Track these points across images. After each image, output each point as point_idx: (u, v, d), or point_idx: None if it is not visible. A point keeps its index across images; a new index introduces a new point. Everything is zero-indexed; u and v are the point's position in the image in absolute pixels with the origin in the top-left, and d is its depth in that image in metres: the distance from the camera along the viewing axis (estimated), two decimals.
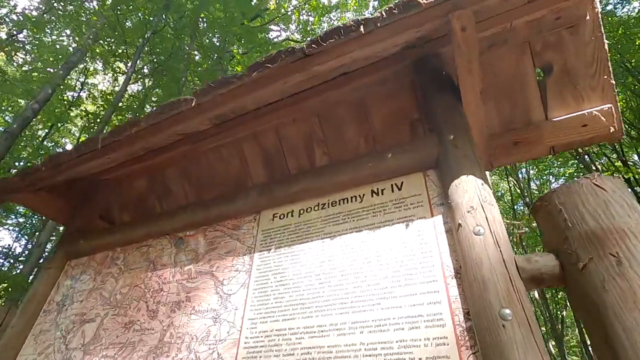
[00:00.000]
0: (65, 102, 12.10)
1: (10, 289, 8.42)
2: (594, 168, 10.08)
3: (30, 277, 8.77)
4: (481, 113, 1.69)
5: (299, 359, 1.31)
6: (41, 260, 9.40)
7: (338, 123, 2.27)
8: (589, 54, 1.77)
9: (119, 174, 2.77)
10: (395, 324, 1.23)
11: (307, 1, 12.95)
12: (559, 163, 11.99)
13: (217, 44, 11.89)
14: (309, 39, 1.47)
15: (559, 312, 13.29)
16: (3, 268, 12.53)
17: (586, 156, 10.36)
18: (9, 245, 15.33)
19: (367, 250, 1.45)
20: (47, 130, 13.60)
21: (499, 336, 0.99)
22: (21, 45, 10.56)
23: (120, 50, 10.51)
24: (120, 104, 10.44)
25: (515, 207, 14.06)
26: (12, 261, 13.44)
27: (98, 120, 10.51)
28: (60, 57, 10.98)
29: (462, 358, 1.08)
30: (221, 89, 1.64)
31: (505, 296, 1.04)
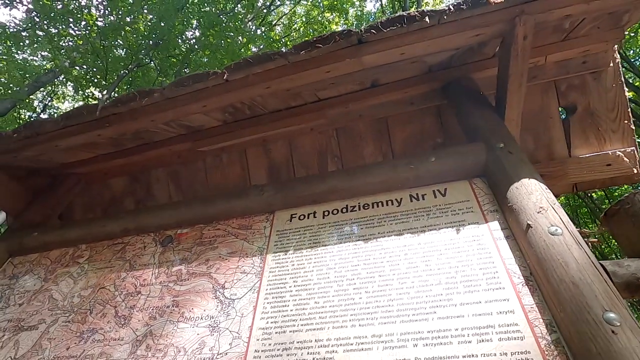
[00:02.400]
0: (21, 122, 11.27)
1: None
2: None
3: None
4: (518, 134, 1.67)
5: None
6: None
7: (356, 138, 2.17)
8: (610, 99, 1.86)
9: (94, 168, 2.43)
10: (458, 335, 1.01)
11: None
12: None
13: None
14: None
15: None
16: None
17: None
18: None
19: (412, 254, 1.25)
20: None
21: (610, 345, 0.81)
22: None
23: (96, 78, 10.15)
24: None
25: None
26: None
27: None
28: (27, 75, 10.41)
29: None
30: (257, 67, 1.51)
31: (606, 299, 0.88)
